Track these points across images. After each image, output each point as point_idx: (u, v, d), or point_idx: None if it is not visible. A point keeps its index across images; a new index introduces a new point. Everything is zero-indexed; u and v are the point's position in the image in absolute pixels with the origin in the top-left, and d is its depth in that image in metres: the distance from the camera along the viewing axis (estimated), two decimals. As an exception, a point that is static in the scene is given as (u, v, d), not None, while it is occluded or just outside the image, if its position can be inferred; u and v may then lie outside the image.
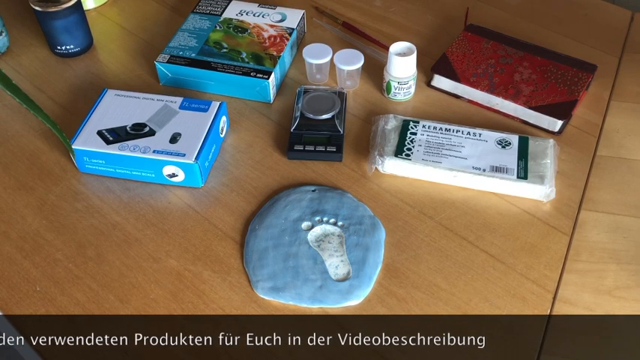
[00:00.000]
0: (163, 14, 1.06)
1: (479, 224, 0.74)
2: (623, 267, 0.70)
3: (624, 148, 0.83)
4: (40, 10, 0.91)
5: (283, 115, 0.87)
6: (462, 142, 0.79)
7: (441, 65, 0.90)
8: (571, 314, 0.66)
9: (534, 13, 1.04)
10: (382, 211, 0.75)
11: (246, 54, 0.90)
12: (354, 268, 0.69)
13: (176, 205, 0.76)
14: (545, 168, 0.76)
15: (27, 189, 0.78)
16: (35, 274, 0.69)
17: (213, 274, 0.69)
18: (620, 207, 0.76)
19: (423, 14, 1.05)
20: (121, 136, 0.78)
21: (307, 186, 0.78)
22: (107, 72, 0.95)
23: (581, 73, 0.88)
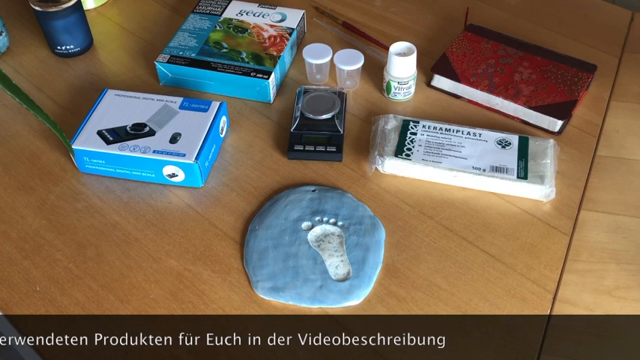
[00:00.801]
0: (163, 14, 1.06)
1: (479, 224, 0.74)
2: (623, 267, 0.70)
3: (624, 148, 0.83)
4: (40, 10, 0.91)
5: (283, 115, 0.87)
6: (462, 142, 0.79)
7: (441, 65, 0.90)
8: (571, 314, 0.66)
9: (534, 13, 1.04)
10: (382, 211, 0.75)
11: (246, 54, 0.90)
12: (354, 268, 0.68)
13: (176, 205, 0.76)
14: (545, 168, 0.76)
15: (27, 189, 0.78)
16: (35, 274, 0.69)
17: (213, 274, 0.69)
18: (620, 207, 0.76)
19: (423, 14, 1.05)
20: (121, 136, 0.78)
21: (307, 186, 0.78)
22: (107, 72, 0.95)
23: (581, 73, 0.88)
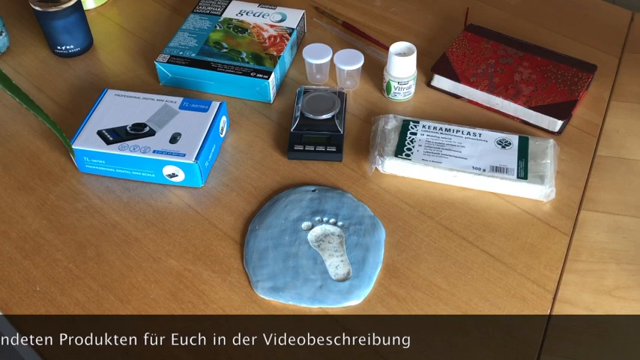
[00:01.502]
0: (163, 14, 1.06)
1: (479, 224, 0.74)
2: (623, 267, 0.70)
3: (624, 148, 0.83)
4: (40, 10, 0.91)
5: (283, 115, 0.87)
6: (462, 142, 0.79)
7: (441, 65, 0.90)
8: (571, 314, 0.66)
9: (534, 13, 1.04)
10: (382, 211, 0.75)
11: (246, 54, 0.90)
12: (354, 268, 0.68)
13: (176, 205, 0.76)
14: (545, 168, 0.76)
15: (27, 189, 0.78)
16: (35, 274, 0.69)
17: (213, 274, 0.69)
18: (620, 207, 0.76)
19: (423, 14, 1.05)
20: (121, 136, 0.78)
21: (307, 186, 0.78)
22: (107, 72, 0.95)
23: (581, 73, 0.88)
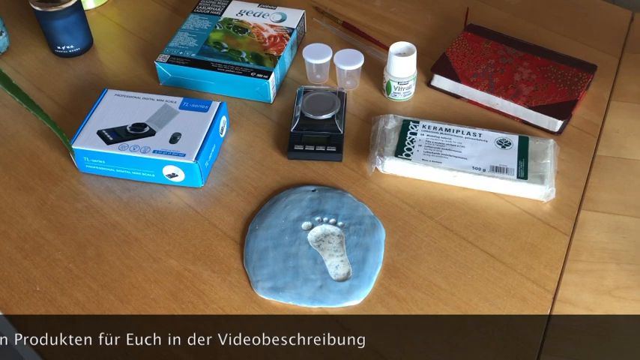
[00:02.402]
0: (163, 14, 1.06)
1: (479, 224, 0.74)
2: (623, 267, 0.70)
3: (624, 148, 0.83)
4: (40, 10, 0.91)
5: (283, 115, 0.87)
6: (462, 142, 0.79)
7: (441, 65, 0.90)
8: (571, 314, 0.66)
9: (534, 13, 1.04)
10: (382, 211, 0.75)
11: (246, 54, 0.90)
12: (354, 268, 0.68)
13: (176, 205, 0.76)
14: (545, 168, 0.76)
15: (27, 189, 0.78)
16: (35, 274, 0.69)
17: (213, 274, 0.69)
18: (620, 207, 0.76)
19: (423, 14, 1.05)
20: (121, 136, 0.78)
21: (307, 186, 0.78)
22: (107, 72, 0.95)
23: (581, 73, 0.88)
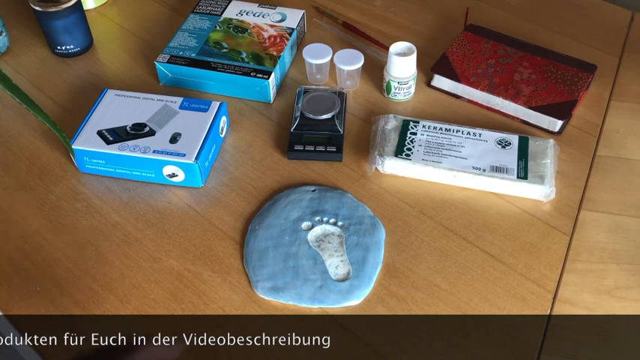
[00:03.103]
0: (163, 14, 1.06)
1: (479, 224, 0.74)
2: (623, 267, 0.70)
3: (624, 148, 0.83)
4: (40, 10, 0.91)
5: (283, 115, 0.87)
6: (462, 142, 0.79)
7: (441, 65, 0.90)
8: (571, 314, 0.66)
9: (534, 13, 1.04)
10: (382, 211, 0.75)
11: (246, 54, 0.90)
12: (354, 268, 0.68)
13: (176, 205, 0.76)
14: (545, 168, 0.76)
15: (27, 189, 0.78)
16: (35, 274, 0.69)
17: (213, 274, 0.69)
18: (620, 207, 0.76)
19: (423, 14, 1.05)
20: (121, 136, 0.78)
21: (307, 186, 0.78)
22: (107, 72, 0.95)
23: (581, 73, 0.88)
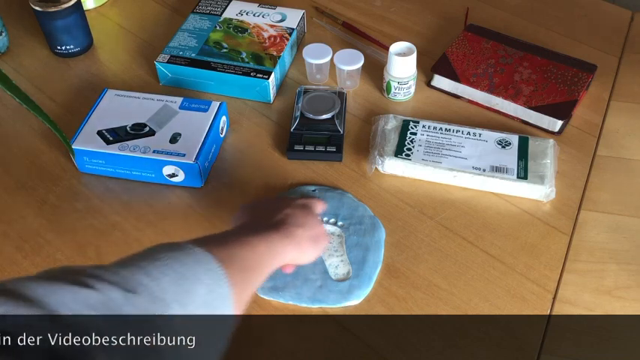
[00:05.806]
0: (163, 14, 1.06)
1: (479, 224, 0.74)
2: (623, 267, 0.70)
3: (624, 148, 0.83)
4: (40, 10, 0.91)
5: (283, 115, 0.87)
6: (462, 142, 0.79)
7: (441, 65, 0.90)
8: (571, 314, 0.66)
9: (534, 13, 1.04)
10: (382, 211, 0.75)
11: (246, 54, 0.90)
12: (354, 268, 0.68)
13: (176, 205, 0.76)
14: (545, 168, 0.76)
15: (27, 189, 0.78)
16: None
17: (213, 274, 0.69)
18: (620, 207, 0.76)
19: (423, 14, 1.05)
20: (120, 136, 0.77)
21: (307, 186, 0.77)
22: (107, 72, 0.95)
23: (581, 73, 0.88)
